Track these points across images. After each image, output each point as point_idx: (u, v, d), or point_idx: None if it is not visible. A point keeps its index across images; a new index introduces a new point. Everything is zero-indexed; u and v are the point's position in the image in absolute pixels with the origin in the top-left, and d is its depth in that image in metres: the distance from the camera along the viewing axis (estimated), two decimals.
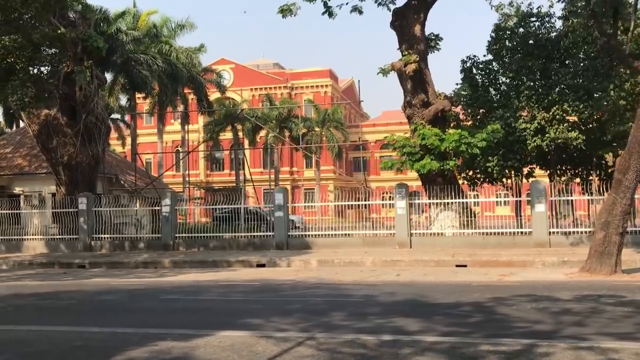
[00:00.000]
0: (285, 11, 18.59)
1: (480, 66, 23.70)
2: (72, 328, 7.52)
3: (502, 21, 22.94)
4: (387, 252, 17.11)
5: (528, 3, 30.17)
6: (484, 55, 23.88)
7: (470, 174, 23.75)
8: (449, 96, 21.68)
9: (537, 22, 23.00)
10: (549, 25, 23.01)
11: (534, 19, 22.95)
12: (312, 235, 19.92)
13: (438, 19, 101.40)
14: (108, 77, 31.79)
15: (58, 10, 19.42)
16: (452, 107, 21.29)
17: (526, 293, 9.43)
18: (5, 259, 19.01)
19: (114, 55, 32.16)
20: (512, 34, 22.83)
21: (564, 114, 20.81)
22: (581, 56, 22.19)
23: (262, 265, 16.17)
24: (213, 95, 46.00)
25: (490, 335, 6.32)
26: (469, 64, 23.86)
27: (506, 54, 23.11)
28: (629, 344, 5.84)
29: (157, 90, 37.48)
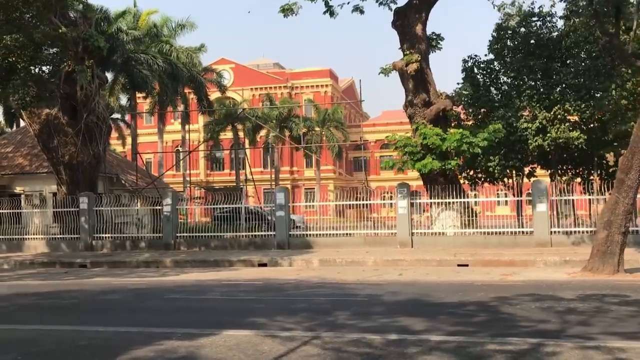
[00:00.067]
0: (287, 10, 18.57)
1: (482, 66, 23.69)
2: (76, 327, 7.50)
3: (504, 21, 22.91)
4: (389, 252, 17.09)
5: (530, 2, 30.18)
6: (485, 55, 23.91)
7: (471, 173, 23.73)
8: (450, 96, 21.66)
9: (539, 22, 22.99)
10: (550, 24, 23.01)
11: (535, 18, 22.93)
12: (313, 234, 19.92)
13: (439, 18, 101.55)
14: (108, 77, 31.79)
15: (59, 9, 19.39)
16: (454, 106, 21.28)
17: (529, 292, 9.41)
18: (6, 258, 18.99)
19: (115, 55, 32.18)
20: (514, 34, 22.81)
21: (565, 114, 20.79)
22: (582, 56, 22.18)
23: (263, 265, 16.16)
24: (213, 95, 45.98)
25: (496, 334, 6.31)
26: (470, 63, 23.86)
27: (507, 53, 23.09)
28: (635, 343, 5.83)
29: (157, 90, 37.47)
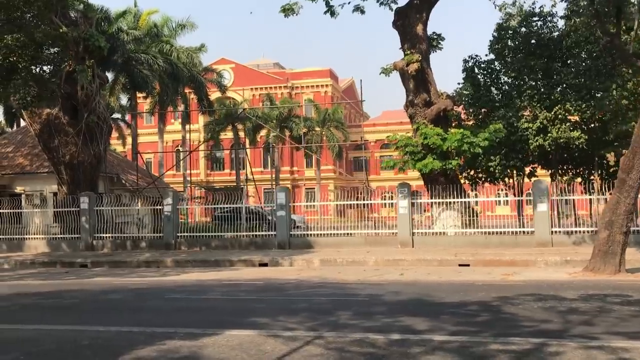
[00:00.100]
0: (288, 10, 18.57)
1: (482, 66, 23.66)
2: (78, 327, 7.48)
3: (505, 21, 22.89)
4: (390, 252, 17.08)
5: (531, 2, 30.12)
6: (486, 55, 23.87)
7: (472, 173, 23.72)
8: (451, 96, 21.65)
9: (539, 22, 22.95)
10: (551, 24, 22.97)
11: (536, 18, 22.90)
12: (314, 234, 19.92)
13: (439, 18, 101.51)
14: (109, 77, 31.77)
15: (60, 9, 19.39)
16: (454, 106, 21.27)
17: (531, 292, 9.41)
18: (7, 258, 18.99)
19: (115, 55, 32.18)
20: (515, 34, 22.79)
21: (566, 114, 20.77)
22: (583, 56, 22.15)
23: (264, 265, 16.16)
24: (213, 94, 45.98)
25: (498, 334, 6.30)
26: (471, 63, 23.84)
27: (508, 53, 23.05)
28: (639, 343, 5.81)
29: (157, 90, 37.45)
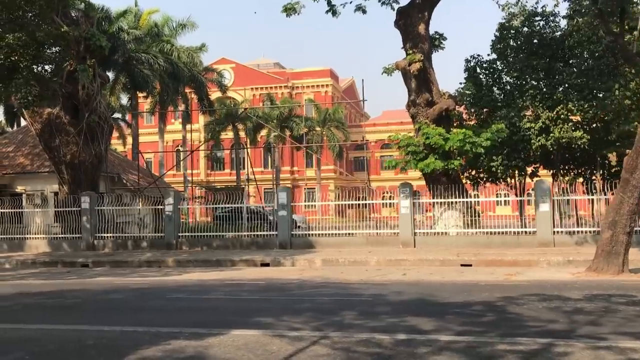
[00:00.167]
0: (290, 10, 18.57)
1: (484, 65, 23.59)
2: (81, 327, 7.45)
3: (507, 20, 22.83)
4: (391, 252, 17.06)
5: (534, 1, 29.93)
6: (488, 55, 23.76)
7: (473, 173, 23.69)
8: (453, 95, 21.61)
9: (542, 22, 22.87)
10: (553, 24, 22.88)
11: (538, 18, 22.82)
12: (315, 234, 19.89)
13: (441, 18, 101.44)
14: (109, 76, 31.72)
15: (61, 8, 19.35)
16: (456, 106, 21.23)
17: (535, 292, 9.39)
18: (8, 257, 18.96)
19: (116, 54, 32.18)
20: (517, 33, 22.72)
21: (568, 114, 20.71)
22: (586, 55, 22.05)
23: (266, 265, 16.13)
24: (214, 94, 45.96)
25: (505, 334, 6.27)
26: (472, 63, 23.77)
27: (510, 53, 22.98)
28: None
29: (158, 90, 37.43)
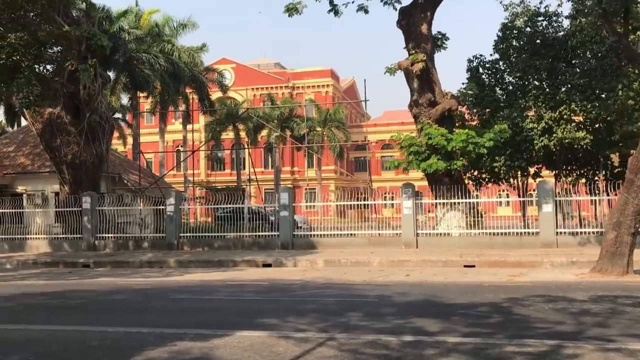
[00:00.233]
0: (292, 10, 18.50)
1: (487, 66, 23.57)
2: (85, 327, 7.41)
3: (510, 20, 22.80)
4: (394, 252, 17.01)
5: (538, 1, 29.95)
6: (491, 55, 23.77)
7: (476, 173, 23.65)
8: (455, 95, 21.56)
9: (545, 22, 22.86)
10: (556, 24, 22.88)
11: (541, 18, 22.80)
12: (317, 235, 19.83)
13: (444, 17, 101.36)
14: (110, 76, 31.66)
15: (62, 7, 19.30)
16: (459, 106, 21.17)
17: (540, 294, 9.34)
18: (9, 258, 18.91)
19: (117, 54, 32.10)
20: (519, 33, 22.68)
21: (571, 114, 20.68)
22: (589, 56, 22.00)
23: (268, 265, 16.07)
24: (215, 94, 45.90)
25: (512, 336, 6.22)
26: (475, 63, 23.75)
27: (513, 53, 22.95)
28: None
29: (159, 90, 37.38)
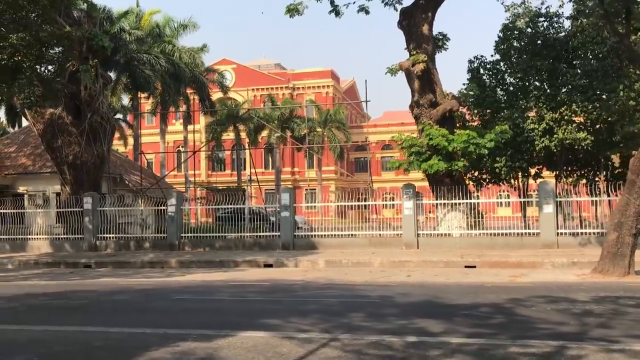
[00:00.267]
0: (292, 11, 18.51)
1: (488, 66, 23.57)
2: (88, 328, 7.41)
3: (511, 21, 22.81)
4: (395, 253, 17.00)
5: (539, 2, 30.02)
6: (492, 55, 23.80)
7: (476, 174, 23.64)
8: (456, 96, 21.57)
9: (546, 22, 22.86)
10: (557, 25, 22.89)
11: (542, 19, 22.81)
12: (317, 235, 19.82)
13: (445, 18, 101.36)
14: (111, 77, 31.66)
15: (64, 8, 19.30)
16: (460, 107, 21.18)
17: (542, 294, 9.34)
18: (10, 258, 18.91)
19: (117, 55, 32.11)
20: (520, 34, 22.69)
21: (572, 115, 20.69)
22: (590, 56, 22.03)
23: (269, 266, 16.07)
24: (215, 95, 45.93)
25: (516, 336, 6.22)
26: (476, 64, 23.76)
27: (514, 54, 22.96)
28: None
29: (159, 90, 37.38)
